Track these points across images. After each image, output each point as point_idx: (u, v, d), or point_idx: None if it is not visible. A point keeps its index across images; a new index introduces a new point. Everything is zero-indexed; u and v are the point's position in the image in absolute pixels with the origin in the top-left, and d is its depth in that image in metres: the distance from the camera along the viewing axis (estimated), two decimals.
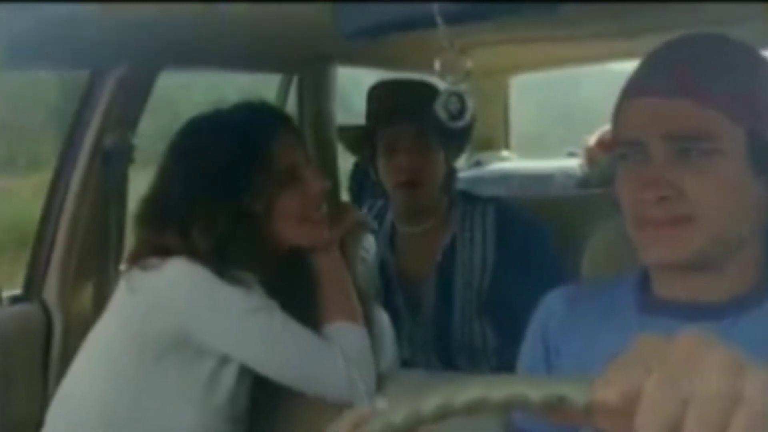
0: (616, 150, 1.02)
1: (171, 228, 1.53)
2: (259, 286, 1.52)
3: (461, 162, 2.57)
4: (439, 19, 1.05)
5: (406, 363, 2.13)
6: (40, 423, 1.60)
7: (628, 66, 1.06)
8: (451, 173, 2.15)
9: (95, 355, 1.56)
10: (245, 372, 1.55)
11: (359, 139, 2.19)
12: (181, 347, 1.48)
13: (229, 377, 1.52)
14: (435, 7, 1.04)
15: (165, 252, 1.50)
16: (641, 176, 0.96)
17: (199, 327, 1.48)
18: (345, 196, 2.82)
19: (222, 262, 1.49)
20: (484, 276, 2.04)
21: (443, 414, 0.58)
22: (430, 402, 0.58)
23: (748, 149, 0.95)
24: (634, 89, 1.01)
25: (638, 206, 0.97)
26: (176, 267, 1.49)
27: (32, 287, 1.99)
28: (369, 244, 1.73)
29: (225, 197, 1.52)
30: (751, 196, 0.97)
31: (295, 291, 1.61)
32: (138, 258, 1.54)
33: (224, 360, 1.51)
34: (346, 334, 1.57)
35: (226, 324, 1.48)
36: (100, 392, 1.52)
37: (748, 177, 0.96)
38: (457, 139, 2.05)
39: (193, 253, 1.49)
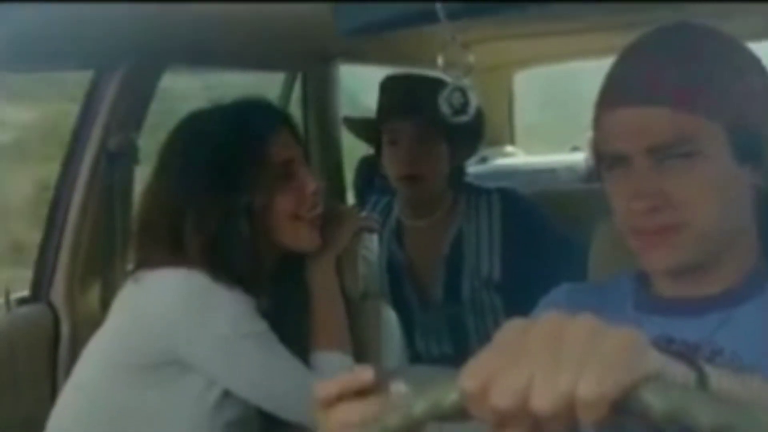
0: (601, 160, 1.01)
1: (163, 232, 1.51)
2: (250, 306, 1.49)
3: None
4: (440, 15, 1.05)
5: (420, 354, 2.15)
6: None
7: None
8: (459, 168, 2.16)
9: (93, 364, 1.56)
10: None
11: (365, 130, 2.21)
12: (171, 363, 1.47)
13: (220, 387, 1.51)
14: (437, 3, 1.04)
15: (159, 260, 1.49)
16: (627, 187, 0.96)
17: (186, 349, 1.46)
18: (350, 193, 2.83)
19: (214, 269, 1.46)
20: (492, 263, 2.05)
21: None
22: None
23: (729, 142, 0.94)
24: (611, 98, 1.00)
25: (628, 216, 0.97)
26: (167, 283, 1.47)
27: (39, 288, 2.00)
28: (372, 243, 1.72)
29: (221, 194, 1.49)
30: (737, 188, 0.96)
31: (290, 309, 1.59)
32: (138, 267, 1.53)
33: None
34: (332, 363, 1.55)
35: (212, 352, 1.46)
36: (93, 403, 1.52)
37: (732, 170, 0.95)
38: (464, 134, 2.05)
39: (185, 260, 1.47)
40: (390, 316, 1.74)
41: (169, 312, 1.45)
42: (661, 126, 0.94)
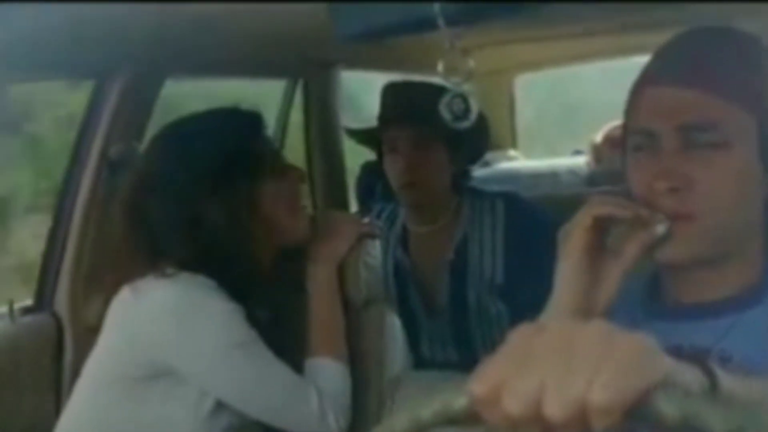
0: (629, 141, 1.02)
1: (149, 241, 1.51)
2: (240, 314, 1.48)
3: None
4: (440, 21, 1.05)
5: (425, 361, 2.15)
6: None
7: (633, 62, 1.05)
8: (463, 174, 2.16)
9: (92, 377, 1.56)
10: None
11: (366, 139, 2.22)
12: (163, 375, 1.47)
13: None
14: (436, 9, 1.04)
15: (147, 271, 1.49)
16: (652, 166, 0.96)
17: (176, 360, 1.46)
18: (353, 200, 2.83)
19: (204, 277, 1.47)
20: (495, 265, 2.05)
21: None
22: None
23: (758, 141, 0.95)
24: (648, 79, 1.01)
25: (648, 197, 0.96)
26: (156, 294, 1.46)
27: (43, 298, 2.00)
28: (374, 249, 1.72)
29: (207, 199, 1.50)
30: (757, 189, 0.96)
31: (289, 316, 1.59)
32: (126, 277, 1.52)
33: None
34: (326, 371, 1.55)
35: (202, 362, 1.46)
36: (93, 419, 1.52)
37: (756, 169, 0.95)
38: (466, 140, 2.05)
39: (174, 269, 1.47)
40: (393, 322, 1.73)
41: (158, 323, 1.45)
42: (695, 107, 0.94)
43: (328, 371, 1.56)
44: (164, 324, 1.45)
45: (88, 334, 1.91)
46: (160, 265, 1.48)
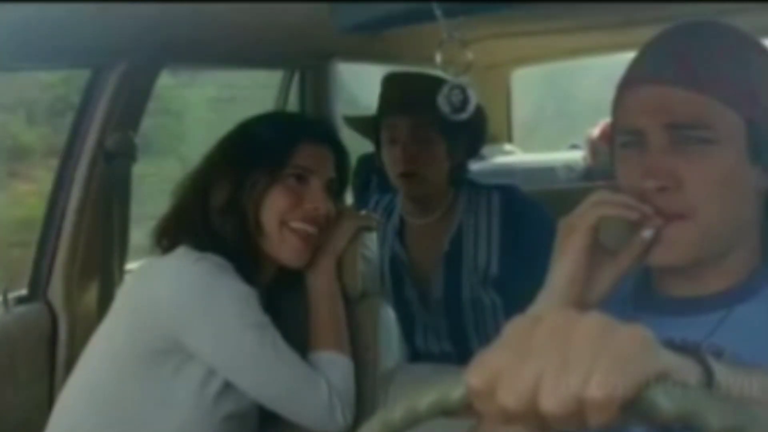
0: (616, 139, 1.01)
1: (183, 219, 1.56)
2: (255, 297, 1.49)
3: None
4: (437, 14, 1.05)
5: (420, 353, 2.16)
6: (46, 423, 1.60)
7: (631, 57, 1.05)
8: (460, 166, 2.16)
9: (96, 356, 1.56)
10: None
11: (365, 128, 2.21)
12: (174, 351, 1.47)
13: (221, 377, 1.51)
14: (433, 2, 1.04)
15: (169, 248, 1.53)
16: (640, 165, 0.96)
17: (189, 335, 1.46)
18: (348, 193, 2.82)
19: (221, 256, 1.49)
20: (490, 257, 2.06)
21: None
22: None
23: (746, 137, 0.95)
24: (634, 77, 1.01)
25: (637, 195, 0.96)
26: (174, 269, 1.48)
27: (37, 287, 1.99)
28: (371, 241, 1.71)
29: (230, 183, 1.55)
30: (746, 186, 0.96)
31: (288, 310, 1.59)
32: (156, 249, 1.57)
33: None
34: (334, 365, 1.56)
35: (215, 338, 1.46)
36: (98, 394, 1.51)
37: (745, 166, 0.95)
38: (465, 132, 2.05)
39: (195, 247, 1.50)
40: (388, 315, 1.73)
41: (174, 297, 1.46)
42: (682, 105, 0.94)
43: (336, 365, 1.56)
44: (182, 297, 1.45)
45: (82, 324, 1.92)
46: (179, 244, 1.53)
